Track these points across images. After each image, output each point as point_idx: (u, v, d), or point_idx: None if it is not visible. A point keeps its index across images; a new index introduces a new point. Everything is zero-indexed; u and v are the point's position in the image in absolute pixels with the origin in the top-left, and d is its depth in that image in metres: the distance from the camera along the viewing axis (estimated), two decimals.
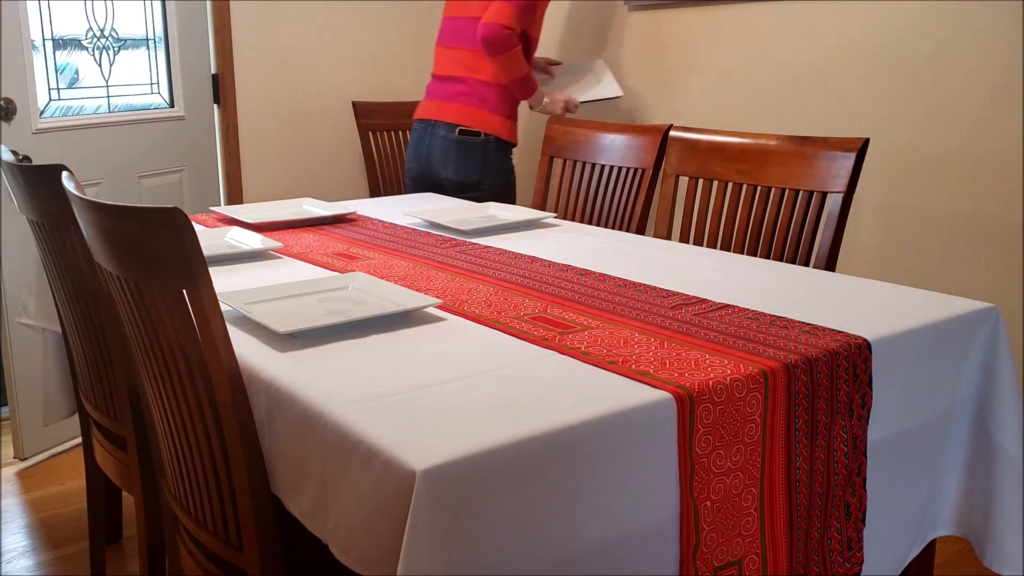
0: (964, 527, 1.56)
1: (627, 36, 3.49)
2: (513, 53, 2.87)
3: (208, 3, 3.56)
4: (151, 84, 3.39)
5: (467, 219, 2.29)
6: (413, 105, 4.01)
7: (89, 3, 3.13)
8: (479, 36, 2.88)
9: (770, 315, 1.49)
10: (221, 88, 3.61)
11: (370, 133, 3.86)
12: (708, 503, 1.20)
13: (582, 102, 3.20)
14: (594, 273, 1.78)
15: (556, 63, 3.42)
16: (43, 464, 2.91)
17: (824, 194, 1.98)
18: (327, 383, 1.22)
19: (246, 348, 1.36)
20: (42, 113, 2.96)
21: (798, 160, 2.08)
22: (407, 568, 0.98)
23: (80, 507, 2.57)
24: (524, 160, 3.96)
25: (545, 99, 3.11)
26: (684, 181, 2.32)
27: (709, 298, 1.59)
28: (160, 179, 3.39)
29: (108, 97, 3.23)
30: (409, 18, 4.07)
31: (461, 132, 2.99)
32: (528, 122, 3.90)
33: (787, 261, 2.04)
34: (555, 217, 2.39)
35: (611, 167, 2.56)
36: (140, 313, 1.29)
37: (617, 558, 1.14)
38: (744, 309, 1.53)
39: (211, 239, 2.07)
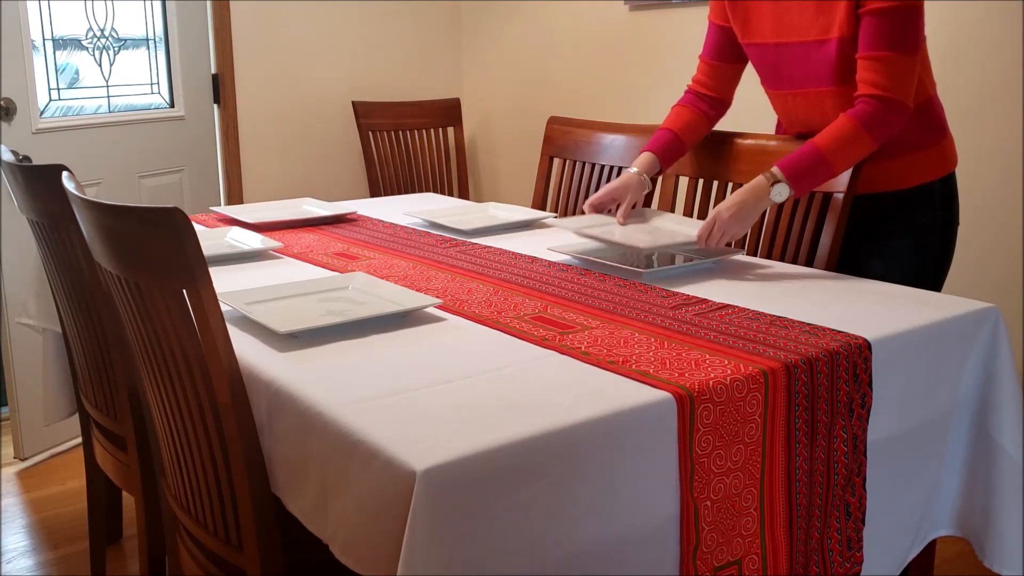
0: (964, 527, 1.55)
1: (627, 36, 3.49)
2: None
3: (208, 3, 3.57)
4: (151, 84, 3.40)
5: (467, 219, 2.28)
6: (413, 105, 4.02)
7: (89, 3, 3.13)
8: None
9: (770, 315, 1.49)
10: (221, 88, 3.61)
11: (370, 133, 3.86)
12: (708, 503, 1.20)
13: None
14: (594, 273, 1.78)
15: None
16: (43, 464, 2.91)
17: (825, 194, 1.98)
18: (327, 383, 1.22)
19: (246, 348, 1.36)
20: (42, 113, 2.96)
21: None
22: (407, 568, 0.98)
23: (80, 507, 2.57)
24: (524, 160, 3.96)
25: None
26: (684, 181, 2.32)
27: (709, 298, 1.59)
28: (160, 179, 3.39)
29: (108, 97, 3.23)
30: (409, 18, 4.07)
31: None
32: (528, 121, 3.90)
33: (788, 261, 2.04)
34: (555, 217, 2.38)
35: (611, 167, 2.56)
36: (140, 313, 1.29)
37: (617, 558, 1.14)
38: (744, 309, 1.52)
39: (211, 239, 2.07)
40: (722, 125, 2.22)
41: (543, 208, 2.74)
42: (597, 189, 2.61)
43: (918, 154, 1.91)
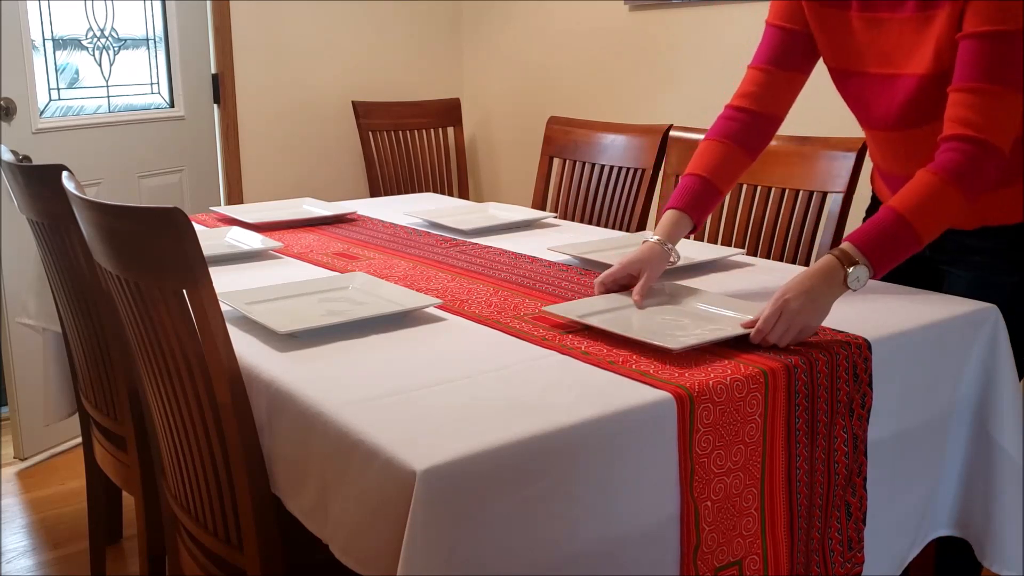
0: (964, 527, 1.55)
1: (627, 36, 3.49)
2: None
3: (208, 3, 3.57)
4: (151, 84, 3.40)
5: (467, 219, 2.28)
6: (413, 105, 4.02)
7: (89, 3, 3.13)
8: None
9: None
10: (221, 88, 3.61)
11: (370, 133, 3.86)
12: (708, 503, 1.20)
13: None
14: (594, 273, 1.77)
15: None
16: (43, 464, 2.91)
17: (824, 194, 1.98)
18: (327, 383, 1.22)
19: (246, 348, 1.36)
20: (42, 113, 2.96)
21: (798, 160, 2.08)
22: (407, 568, 0.98)
23: (80, 507, 2.57)
24: (524, 160, 3.96)
25: None
26: None
27: None
28: (160, 179, 3.39)
29: (108, 97, 3.23)
30: (409, 18, 4.07)
31: None
32: (528, 121, 3.90)
33: (787, 261, 2.04)
34: (555, 217, 2.39)
35: (611, 167, 2.56)
36: (140, 313, 1.29)
37: (617, 558, 1.14)
38: None
39: (211, 239, 2.07)
40: None
41: (543, 208, 2.75)
42: (597, 189, 2.61)
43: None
